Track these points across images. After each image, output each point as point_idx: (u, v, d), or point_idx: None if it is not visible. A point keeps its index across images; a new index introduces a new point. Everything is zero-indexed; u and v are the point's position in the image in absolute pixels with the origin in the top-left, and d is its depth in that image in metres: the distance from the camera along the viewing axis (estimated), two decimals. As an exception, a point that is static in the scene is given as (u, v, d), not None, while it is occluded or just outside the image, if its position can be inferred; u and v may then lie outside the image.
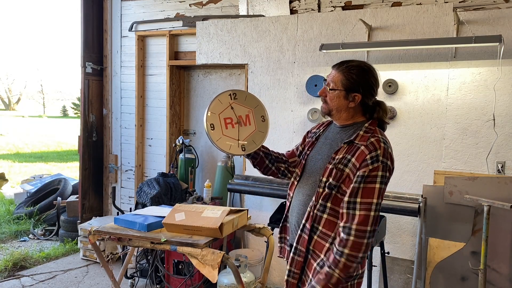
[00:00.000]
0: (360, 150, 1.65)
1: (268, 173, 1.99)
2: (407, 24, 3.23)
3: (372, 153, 1.62)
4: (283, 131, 3.74)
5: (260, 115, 1.95)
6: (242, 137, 1.89)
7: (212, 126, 1.85)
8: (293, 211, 1.85)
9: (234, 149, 1.87)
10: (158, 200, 3.50)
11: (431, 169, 3.20)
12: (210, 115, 1.86)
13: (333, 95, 1.76)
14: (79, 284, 3.82)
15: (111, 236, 2.33)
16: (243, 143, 1.88)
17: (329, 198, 1.68)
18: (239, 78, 4.23)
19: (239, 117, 1.90)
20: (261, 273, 3.45)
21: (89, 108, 4.81)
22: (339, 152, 1.71)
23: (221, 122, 1.87)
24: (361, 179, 1.61)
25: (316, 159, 1.82)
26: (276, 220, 3.14)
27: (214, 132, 1.85)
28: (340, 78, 1.73)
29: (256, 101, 1.97)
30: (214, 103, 1.88)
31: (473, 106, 3.08)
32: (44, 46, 73.37)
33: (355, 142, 1.69)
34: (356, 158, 1.64)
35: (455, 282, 2.91)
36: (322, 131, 1.92)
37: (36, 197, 6.06)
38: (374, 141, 1.65)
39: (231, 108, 1.90)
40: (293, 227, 1.84)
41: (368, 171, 1.60)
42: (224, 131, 1.87)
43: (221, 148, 1.85)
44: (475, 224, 2.85)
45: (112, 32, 4.80)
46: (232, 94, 1.92)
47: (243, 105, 1.93)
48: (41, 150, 14.77)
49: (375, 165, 1.60)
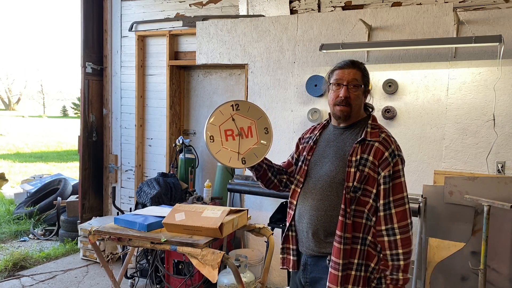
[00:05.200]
0: (375, 147, 1.69)
1: (270, 186, 1.96)
2: (407, 24, 3.23)
3: (389, 149, 1.70)
4: (283, 131, 3.74)
5: (263, 127, 1.88)
6: (243, 149, 1.83)
7: (212, 138, 1.81)
8: (302, 218, 1.82)
9: (233, 162, 1.82)
10: (158, 200, 3.50)
11: (431, 169, 3.20)
12: (210, 126, 1.82)
13: (358, 93, 1.76)
14: (79, 284, 3.82)
15: (111, 236, 2.33)
16: (243, 156, 1.83)
17: (355, 201, 1.70)
18: (239, 78, 4.23)
19: (240, 128, 1.85)
20: (261, 273, 3.45)
21: (89, 108, 4.81)
22: (354, 154, 1.71)
23: (221, 134, 1.83)
24: (388, 179, 1.67)
25: (322, 163, 1.79)
26: (276, 220, 3.14)
27: (213, 144, 1.81)
28: (360, 75, 1.77)
29: (260, 112, 1.90)
30: (215, 115, 1.84)
31: (473, 106, 3.08)
32: (44, 46, 73.48)
33: (367, 139, 1.71)
34: (374, 156, 1.68)
35: (455, 282, 2.91)
36: (318, 134, 1.90)
37: (36, 197, 6.06)
38: (385, 137, 1.72)
39: (232, 120, 1.85)
40: (304, 234, 1.81)
41: (391, 169, 1.67)
42: (224, 143, 1.82)
43: (220, 161, 1.82)
44: (475, 224, 2.85)
45: (112, 32, 4.80)
46: (235, 105, 1.87)
47: (245, 116, 1.87)
48: (41, 150, 14.77)
49: (394, 161, 1.69)
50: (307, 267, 1.83)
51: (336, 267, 1.68)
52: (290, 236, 1.89)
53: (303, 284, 1.87)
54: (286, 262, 1.91)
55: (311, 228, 1.77)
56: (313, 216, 1.76)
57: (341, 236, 1.67)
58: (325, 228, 1.74)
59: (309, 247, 1.80)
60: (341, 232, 1.67)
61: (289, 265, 1.89)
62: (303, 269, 1.85)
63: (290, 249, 1.89)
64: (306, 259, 1.84)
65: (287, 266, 1.91)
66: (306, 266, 1.83)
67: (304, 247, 1.83)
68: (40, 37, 78.53)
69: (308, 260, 1.82)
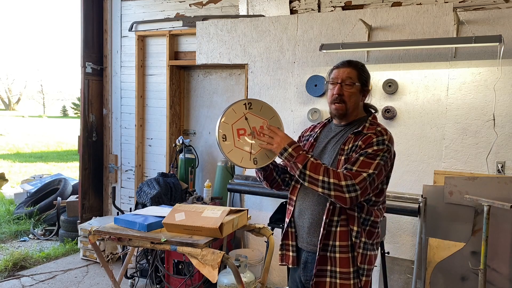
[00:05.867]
0: (367, 136, 1.73)
1: (274, 185, 1.97)
2: (407, 24, 3.23)
3: (379, 137, 1.71)
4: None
5: (275, 126, 1.85)
6: (255, 149, 1.80)
7: (224, 137, 1.77)
8: (303, 214, 1.83)
9: (245, 162, 1.79)
10: (158, 200, 3.50)
11: (431, 169, 3.20)
12: (222, 125, 1.78)
13: (352, 91, 1.80)
14: (79, 284, 3.82)
15: (111, 236, 2.33)
16: (255, 157, 1.80)
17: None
18: (239, 78, 4.23)
19: (253, 128, 1.82)
20: (261, 273, 3.45)
21: (89, 108, 4.81)
22: (347, 143, 1.76)
23: (234, 133, 1.79)
24: (363, 153, 1.68)
25: (321, 159, 1.82)
26: (276, 220, 3.14)
27: (226, 143, 1.77)
28: (356, 74, 1.80)
29: (272, 112, 1.89)
30: (228, 113, 1.80)
31: (473, 106, 3.08)
32: (44, 46, 73.43)
33: (363, 132, 1.75)
34: (363, 141, 1.71)
35: (455, 282, 2.91)
36: (319, 132, 1.94)
37: (36, 197, 6.06)
38: (381, 129, 1.75)
39: (245, 119, 1.82)
40: (305, 230, 1.82)
41: (370, 148, 1.68)
42: (237, 143, 1.79)
43: (232, 161, 1.79)
44: (475, 224, 2.85)
45: (112, 32, 4.80)
46: (248, 103, 1.84)
47: (258, 115, 1.85)
48: (41, 150, 14.78)
49: (380, 147, 1.69)
50: (308, 265, 1.84)
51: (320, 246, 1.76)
52: (290, 232, 1.90)
53: (303, 282, 1.88)
54: (285, 258, 1.93)
55: (312, 223, 1.79)
56: (315, 211, 1.78)
57: (325, 222, 1.74)
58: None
59: (311, 241, 1.81)
60: (327, 218, 1.74)
61: (289, 261, 1.91)
62: (304, 267, 1.86)
63: (289, 245, 1.91)
64: (306, 257, 1.84)
65: (286, 262, 1.92)
66: (307, 264, 1.84)
67: (304, 242, 1.84)
68: (40, 37, 78.56)
69: (309, 258, 1.83)
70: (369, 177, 1.65)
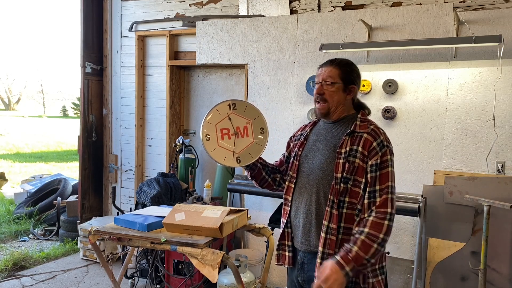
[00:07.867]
0: (364, 138, 1.72)
1: (264, 185, 1.99)
2: (407, 24, 3.23)
3: (377, 139, 1.71)
4: (283, 131, 3.74)
5: (259, 127, 1.91)
6: (238, 149, 1.87)
7: (208, 136, 1.85)
8: (297, 213, 1.83)
9: (228, 161, 1.86)
10: (158, 200, 3.50)
11: (431, 169, 3.20)
12: (206, 125, 1.86)
13: (333, 90, 1.80)
14: (79, 284, 3.82)
15: (111, 236, 2.33)
16: (238, 155, 1.87)
17: (347, 192, 1.71)
18: (239, 78, 4.23)
19: (236, 128, 1.89)
20: (261, 273, 3.44)
21: (89, 108, 4.81)
22: (343, 146, 1.74)
23: (217, 132, 1.87)
24: (376, 167, 1.68)
25: (313, 156, 1.83)
26: (276, 220, 3.14)
27: (209, 142, 1.85)
28: (337, 72, 1.81)
29: (256, 112, 1.93)
30: (212, 113, 1.87)
31: (473, 106, 3.08)
32: (44, 46, 73.48)
33: (356, 131, 1.75)
34: (363, 146, 1.71)
35: (455, 282, 2.91)
36: (309, 131, 1.95)
37: (36, 197, 6.06)
38: (374, 128, 1.76)
39: (228, 119, 1.88)
40: (300, 229, 1.82)
41: (379, 158, 1.69)
42: (220, 142, 1.86)
43: (215, 159, 1.86)
44: (475, 224, 2.85)
45: (112, 32, 4.80)
46: (232, 104, 1.90)
47: (242, 116, 1.91)
48: (41, 150, 14.78)
49: (383, 151, 1.70)
50: (304, 266, 1.84)
51: (320, 255, 1.71)
52: (286, 233, 1.91)
53: (300, 283, 1.88)
54: (282, 258, 1.93)
55: (307, 223, 1.79)
56: (309, 210, 1.78)
57: (327, 226, 1.70)
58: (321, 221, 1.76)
59: (305, 241, 1.81)
60: (327, 222, 1.71)
61: (285, 261, 1.91)
62: (300, 268, 1.86)
63: (285, 245, 1.91)
64: (302, 257, 1.84)
65: (283, 262, 1.93)
66: (303, 265, 1.84)
67: (299, 242, 1.84)
68: (40, 37, 78.59)
69: (305, 259, 1.83)
70: (391, 192, 1.68)
